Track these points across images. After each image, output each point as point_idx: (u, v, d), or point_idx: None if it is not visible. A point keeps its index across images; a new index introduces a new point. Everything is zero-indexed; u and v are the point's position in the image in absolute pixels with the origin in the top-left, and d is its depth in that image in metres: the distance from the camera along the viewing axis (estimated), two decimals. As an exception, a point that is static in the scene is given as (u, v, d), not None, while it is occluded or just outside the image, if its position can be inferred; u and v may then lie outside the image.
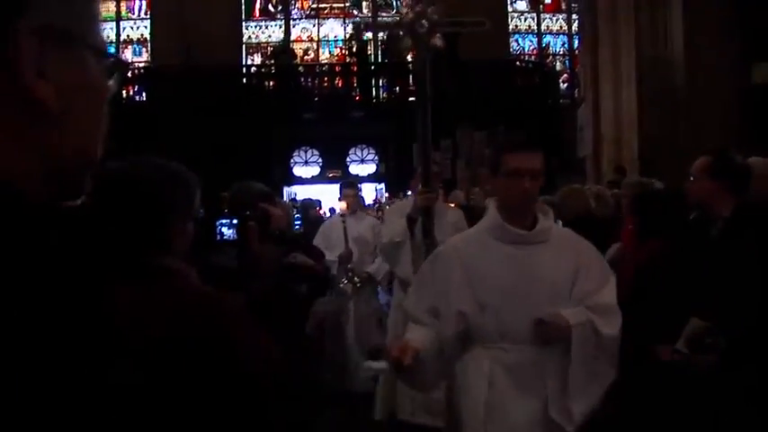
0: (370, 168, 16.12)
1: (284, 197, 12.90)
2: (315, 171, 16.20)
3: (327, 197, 10.09)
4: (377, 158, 16.02)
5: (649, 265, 3.26)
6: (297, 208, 7.68)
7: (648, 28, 13.20)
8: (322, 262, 3.57)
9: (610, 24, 11.57)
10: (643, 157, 11.69)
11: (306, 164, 16.26)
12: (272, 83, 15.92)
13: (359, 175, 15.07)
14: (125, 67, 0.70)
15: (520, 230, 2.29)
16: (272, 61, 16.82)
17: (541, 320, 2.18)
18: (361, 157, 16.28)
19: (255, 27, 17.50)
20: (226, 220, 1.62)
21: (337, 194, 5.54)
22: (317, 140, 15.81)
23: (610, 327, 2.25)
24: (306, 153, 16.21)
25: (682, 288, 2.82)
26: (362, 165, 16.21)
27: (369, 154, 16.24)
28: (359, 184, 5.89)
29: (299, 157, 16.21)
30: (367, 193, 12.19)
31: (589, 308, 2.24)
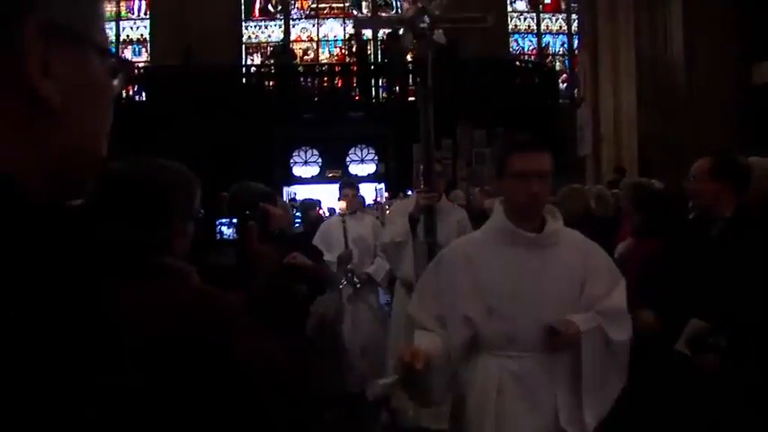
0: (369, 168, 16.11)
1: (284, 197, 12.89)
2: (314, 171, 16.19)
3: (327, 197, 10.09)
4: (376, 158, 15.99)
5: (648, 265, 3.26)
6: (296, 208, 7.67)
7: (648, 28, 13.21)
8: (320, 262, 3.56)
9: (609, 24, 11.58)
10: (642, 157, 11.70)
11: (305, 164, 16.24)
12: (271, 83, 15.88)
13: (358, 175, 15.05)
14: (130, 67, 0.70)
15: (529, 233, 2.21)
16: (272, 61, 16.81)
17: (552, 328, 2.11)
18: (361, 158, 16.27)
19: (255, 27, 17.48)
20: (226, 219, 1.62)
21: (337, 194, 5.49)
22: (316, 140, 15.78)
23: (620, 332, 2.19)
24: (305, 153, 16.19)
25: (681, 288, 2.82)
26: (362, 165, 16.19)
27: (368, 154, 16.23)
28: (358, 184, 5.82)
29: (298, 157, 16.19)
30: (367, 193, 12.16)
31: (599, 312, 2.17)
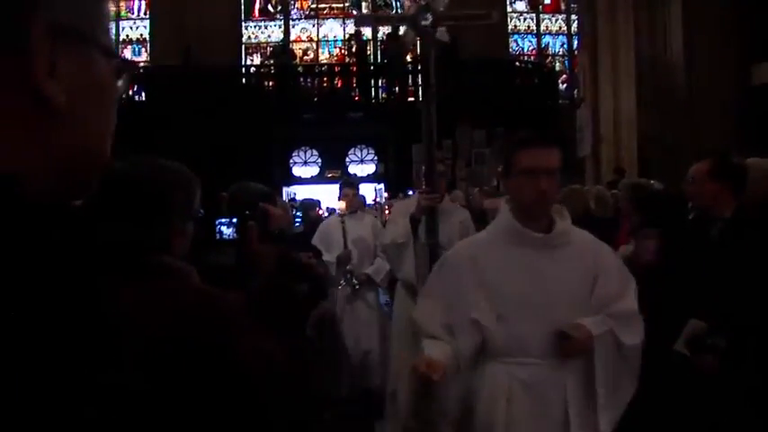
0: (369, 168, 16.11)
1: (284, 197, 12.89)
2: (314, 171, 16.19)
3: (327, 197, 10.09)
4: (376, 159, 16.00)
5: (647, 265, 3.26)
6: (296, 208, 7.67)
7: (647, 28, 13.21)
8: (319, 262, 3.56)
9: (609, 25, 11.59)
10: (642, 158, 11.70)
11: (305, 164, 16.24)
12: (271, 83, 15.88)
13: (357, 175, 15.05)
14: (134, 67, 0.70)
15: (537, 234, 2.12)
16: (272, 61, 16.81)
17: (563, 333, 2.03)
18: (361, 158, 16.27)
19: (255, 27, 17.48)
20: (225, 219, 1.62)
21: (336, 194, 5.45)
22: (316, 141, 15.79)
23: (632, 336, 2.11)
24: (305, 153, 16.20)
25: (681, 288, 2.82)
26: (362, 165, 16.20)
27: (368, 154, 16.23)
28: (358, 184, 5.80)
29: (298, 157, 16.19)
30: (366, 193, 12.16)
31: (610, 315, 2.10)
